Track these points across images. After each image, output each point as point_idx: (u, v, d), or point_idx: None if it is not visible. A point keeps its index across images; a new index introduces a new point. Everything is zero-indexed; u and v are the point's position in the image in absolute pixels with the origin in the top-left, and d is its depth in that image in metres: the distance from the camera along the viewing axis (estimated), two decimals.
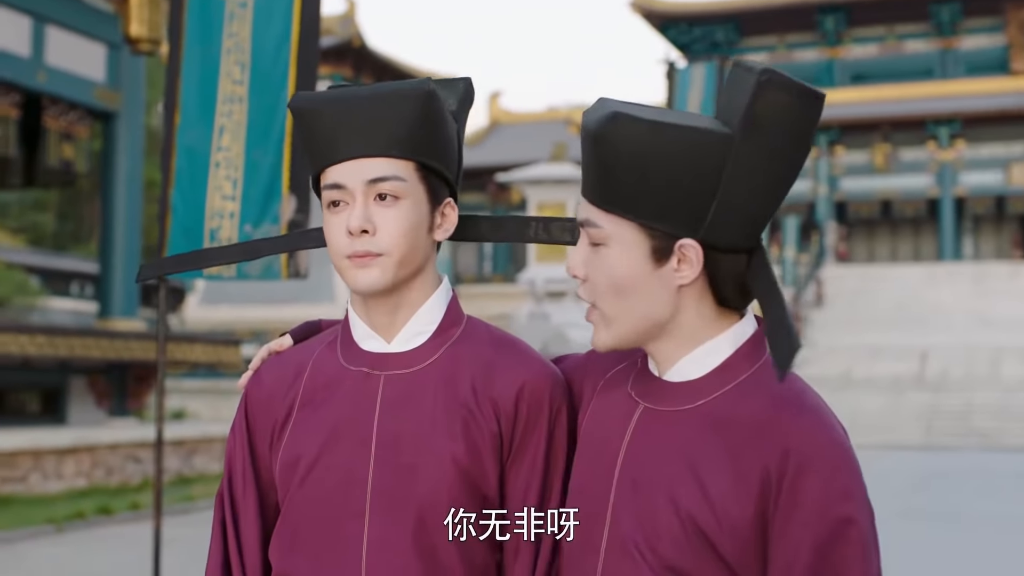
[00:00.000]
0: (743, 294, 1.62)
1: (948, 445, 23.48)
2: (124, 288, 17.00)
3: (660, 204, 1.55)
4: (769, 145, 1.54)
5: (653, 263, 1.58)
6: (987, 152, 38.87)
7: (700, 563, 1.53)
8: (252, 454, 1.83)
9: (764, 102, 1.51)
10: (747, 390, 1.59)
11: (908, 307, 32.36)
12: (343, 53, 39.69)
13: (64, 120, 16.25)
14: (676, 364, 1.63)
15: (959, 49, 41.10)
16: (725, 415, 1.57)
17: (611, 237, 1.59)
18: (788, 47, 42.22)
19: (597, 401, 1.72)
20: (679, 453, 1.58)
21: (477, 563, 1.72)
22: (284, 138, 6.65)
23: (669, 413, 1.61)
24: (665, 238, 1.56)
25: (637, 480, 1.60)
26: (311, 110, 1.75)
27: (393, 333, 1.79)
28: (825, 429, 1.53)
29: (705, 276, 1.59)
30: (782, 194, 1.60)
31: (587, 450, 1.68)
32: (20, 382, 15.50)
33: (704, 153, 1.53)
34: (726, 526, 1.52)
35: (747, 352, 1.62)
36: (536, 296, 22.97)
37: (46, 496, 12.99)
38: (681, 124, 1.54)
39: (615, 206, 1.57)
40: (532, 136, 43.59)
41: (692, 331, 1.61)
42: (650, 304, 1.59)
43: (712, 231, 1.56)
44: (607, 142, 1.55)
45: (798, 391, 1.58)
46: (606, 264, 1.60)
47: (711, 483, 1.54)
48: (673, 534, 1.54)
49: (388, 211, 1.72)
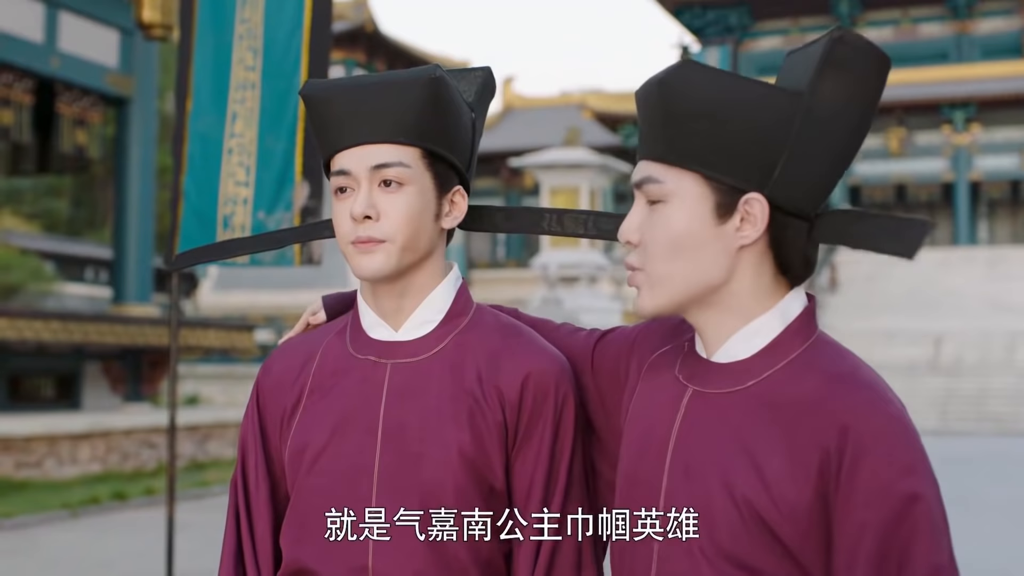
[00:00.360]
0: (807, 264, 1.57)
1: (963, 430, 23.45)
2: (138, 274, 17.06)
3: (727, 155, 1.50)
4: (838, 104, 1.51)
5: (716, 219, 1.52)
6: (1002, 136, 38.68)
7: (759, 551, 1.49)
8: (264, 442, 1.84)
9: (836, 57, 1.50)
10: (799, 368, 1.53)
11: (922, 292, 32.26)
12: (356, 38, 39.66)
13: (77, 106, 16.29)
14: (724, 344, 1.58)
15: (975, 33, 40.87)
16: (778, 395, 1.52)
17: (673, 192, 1.53)
18: (802, 30, 42.03)
19: (643, 384, 1.68)
20: (732, 436, 1.53)
21: (483, 551, 1.72)
22: (297, 124, 6.65)
23: (719, 395, 1.56)
24: (730, 192, 1.52)
25: (690, 466, 1.55)
26: (321, 97, 1.75)
27: (401, 321, 1.79)
28: (883, 403, 1.48)
29: (767, 240, 1.54)
30: (847, 160, 1.57)
31: (635, 437, 1.64)
32: (35, 368, 15.57)
33: (774, 105, 1.50)
34: (784, 510, 1.47)
35: (797, 329, 1.57)
36: (549, 281, 22.96)
37: (61, 481, 13.06)
38: (751, 79, 1.52)
39: (679, 158, 1.53)
40: (545, 121, 43.54)
41: (743, 302, 1.56)
42: (706, 265, 1.54)
43: (779, 188, 1.51)
44: (676, 89, 1.51)
45: (852, 367, 1.53)
46: (665, 221, 1.54)
47: (767, 466, 1.49)
48: (730, 521, 1.49)
49: (392, 197, 1.72)
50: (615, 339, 1.80)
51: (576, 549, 1.74)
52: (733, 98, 1.50)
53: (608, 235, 1.85)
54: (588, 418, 1.80)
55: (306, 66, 6.62)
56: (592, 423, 1.80)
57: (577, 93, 46.63)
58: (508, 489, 1.74)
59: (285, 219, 6.64)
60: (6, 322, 13.76)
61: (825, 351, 1.55)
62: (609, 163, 32.01)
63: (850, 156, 1.57)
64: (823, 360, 1.54)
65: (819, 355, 1.55)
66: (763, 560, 1.49)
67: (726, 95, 1.50)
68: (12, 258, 27.51)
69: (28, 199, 39.71)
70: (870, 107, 1.55)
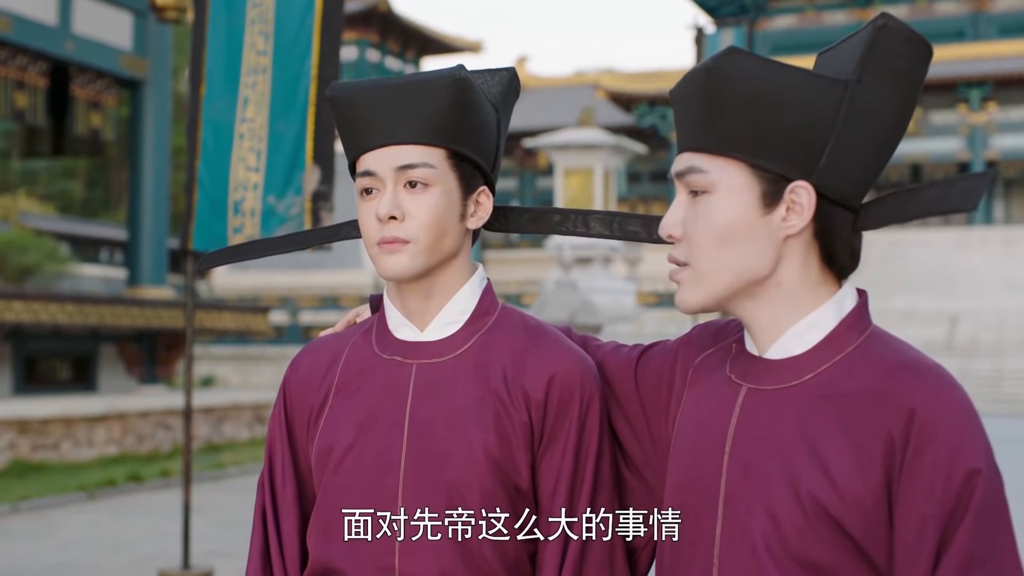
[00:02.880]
0: (852, 255, 1.55)
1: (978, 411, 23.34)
2: (153, 255, 17.10)
3: (773, 143, 1.49)
4: (883, 91, 1.50)
5: (762, 208, 1.51)
6: (1019, 115, 38.44)
7: (826, 547, 1.45)
8: (291, 441, 1.84)
9: (881, 44, 1.49)
10: (857, 360, 1.51)
11: (938, 272, 32.14)
12: (369, 19, 39.58)
13: (92, 88, 16.30)
14: (777, 340, 1.55)
15: (991, 10, 40.57)
16: (838, 387, 1.50)
17: (718, 183, 1.51)
18: (817, 9, 41.79)
19: (691, 391, 1.65)
20: (792, 432, 1.50)
21: (509, 551, 1.72)
22: (308, 108, 6.60)
23: (776, 392, 1.53)
24: (776, 181, 1.50)
25: (749, 465, 1.52)
26: (346, 99, 1.75)
27: (427, 321, 1.78)
28: (948, 389, 1.46)
29: (813, 230, 1.52)
30: (890, 150, 1.55)
31: (687, 443, 1.60)
32: (51, 350, 15.63)
33: (819, 94, 1.49)
34: (851, 502, 1.44)
35: (852, 323, 1.54)
36: (564, 264, 22.93)
37: (77, 463, 13.12)
38: (796, 67, 1.51)
39: (724, 146, 1.51)
40: (559, 101, 43.45)
41: (792, 294, 1.54)
42: (752, 257, 1.52)
43: (826, 176, 1.50)
44: (721, 76, 1.50)
45: (914, 355, 1.51)
46: (709, 212, 1.52)
47: (831, 459, 1.46)
48: (795, 519, 1.46)
49: (417, 198, 1.71)
50: (658, 352, 1.78)
51: (607, 550, 1.73)
52: (779, 85, 1.49)
53: (634, 236, 1.84)
54: (620, 432, 1.78)
55: (317, 50, 6.58)
56: (631, 438, 1.77)
57: (591, 73, 46.56)
58: (534, 489, 1.73)
59: (296, 203, 6.61)
60: (22, 305, 13.82)
61: (883, 342, 1.54)
62: (623, 143, 31.93)
63: (893, 145, 1.56)
64: (882, 350, 1.52)
65: (877, 346, 1.53)
66: (830, 556, 1.46)
67: (772, 82, 1.49)
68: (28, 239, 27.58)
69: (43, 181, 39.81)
70: (913, 93, 1.54)
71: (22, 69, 15.22)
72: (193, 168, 6.64)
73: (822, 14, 41.88)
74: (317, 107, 6.56)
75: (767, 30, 41.22)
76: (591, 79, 44.40)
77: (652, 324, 27.29)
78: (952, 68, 38.04)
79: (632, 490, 1.77)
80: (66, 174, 40.50)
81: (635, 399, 1.76)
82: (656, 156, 40.72)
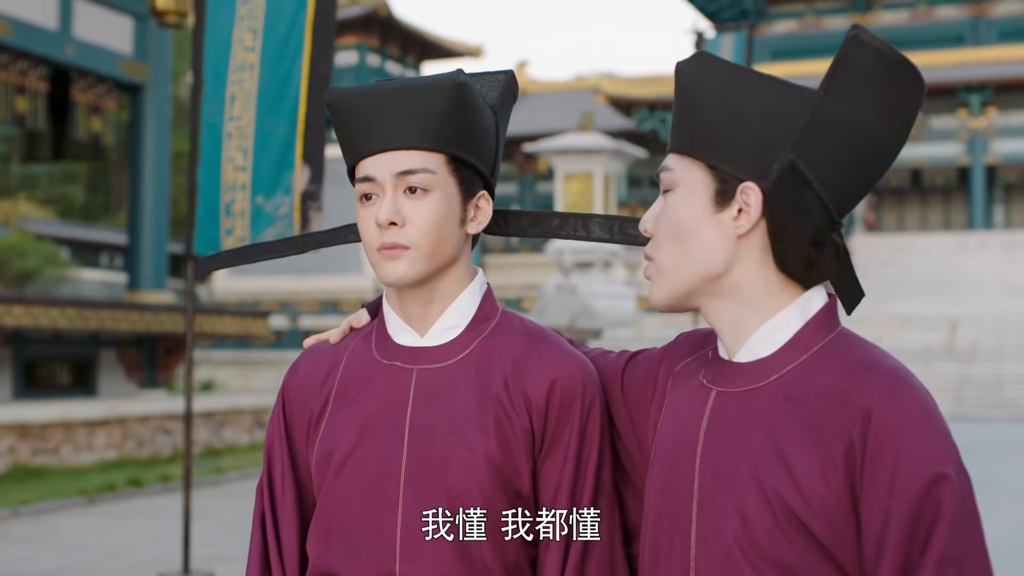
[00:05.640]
0: (806, 264, 1.54)
1: (978, 416, 23.36)
2: (153, 260, 17.10)
3: (729, 145, 1.53)
4: (860, 104, 1.51)
5: (714, 206, 1.55)
6: (1019, 120, 38.42)
7: (797, 550, 1.46)
8: (290, 447, 1.84)
9: (851, 57, 1.50)
10: (821, 360, 1.53)
11: (938, 276, 32.13)
12: (369, 23, 39.58)
13: (92, 93, 16.31)
14: (745, 343, 1.57)
15: (991, 15, 40.57)
16: (801, 387, 1.51)
17: (680, 181, 1.58)
18: (816, 13, 41.81)
19: (670, 397, 1.68)
20: (758, 433, 1.51)
21: (510, 555, 1.71)
22: (298, 108, 6.45)
23: (744, 394, 1.55)
24: (729, 181, 1.54)
25: (719, 468, 1.53)
26: (345, 104, 1.75)
27: (427, 326, 1.78)
28: (906, 389, 1.47)
29: (767, 235, 1.55)
30: (879, 162, 1.55)
31: (665, 447, 1.62)
32: (51, 355, 15.62)
33: (782, 100, 1.52)
34: (815, 505, 1.45)
35: (818, 324, 1.56)
36: (564, 268, 22.91)
37: (77, 468, 13.11)
38: (764, 74, 1.55)
39: (688, 148, 1.57)
40: (559, 105, 43.43)
41: (754, 296, 1.56)
42: (704, 252, 1.55)
43: (780, 185, 1.52)
44: (687, 78, 1.57)
45: (875, 356, 1.52)
46: (670, 208, 1.58)
47: (795, 460, 1.47)
48: (765, 520, 1.47)
49: (417, 203, 1.71)
50: (644, 359, 1.79)
51: (607, 554, 1.73)
52: (742, 90, 1.53)
53: (634, 240, 1.84)
54: (615, 439, 1.78)
55: (309, 49, 6.44)
56: (619, 444, 1.78)
57: (591, 77, 46.50)
58: (535, 494, 1.73)
59: (285, 203, 6.51)
60: (22, 309, 13.81)
61: (847, 343, 1.54)
62: (623, 148, 31.92)
63: (881, 158, 1.55)
64: (845, 351, 1.53)
65: (841, 347, 1.54)
66: (801, 559, 1.46)
67: (735, 87, 1.54)
68: (28, 244, 27.60)
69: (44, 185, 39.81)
70: (891, 117, 1.52)
71: (23, 73, 15.22)
72: (194, 173, 6.61)
73: (822, 19, 41.89)
74: (308, 105, 6.44)
75: (767, 35, 41.22)
76: (591, 83, 44.37)
77: (652, 328, 27.27)
78: (952, 73, 38.03)
79: (624, 497, 1.77)
80: (66, 178, 40.48)
81: (621, 405, 1.78)
82: (656, 160, 40.70)
